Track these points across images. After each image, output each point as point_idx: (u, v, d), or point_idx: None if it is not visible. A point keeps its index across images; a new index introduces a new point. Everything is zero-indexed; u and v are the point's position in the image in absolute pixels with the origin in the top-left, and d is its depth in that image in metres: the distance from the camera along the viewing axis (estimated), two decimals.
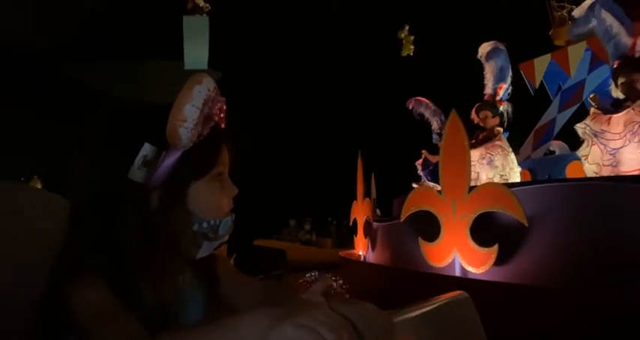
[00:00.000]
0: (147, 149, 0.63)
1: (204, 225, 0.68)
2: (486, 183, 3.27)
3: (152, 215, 0.64)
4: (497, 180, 4.09)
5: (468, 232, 3.07)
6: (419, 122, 5.88)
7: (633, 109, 3.12)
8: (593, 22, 3.40)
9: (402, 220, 3.74)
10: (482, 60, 4.43)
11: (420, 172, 5.65)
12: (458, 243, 3.14)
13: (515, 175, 4.13)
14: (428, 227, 3.41)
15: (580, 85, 5.87)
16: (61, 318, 0.58)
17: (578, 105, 5.89)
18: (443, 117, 5.58)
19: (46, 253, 0.63)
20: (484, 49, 4.43)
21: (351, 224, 5.54)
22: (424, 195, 3.52)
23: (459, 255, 3.13)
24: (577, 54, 5.42)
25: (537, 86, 5.92)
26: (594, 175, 3.35)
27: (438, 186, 3.85)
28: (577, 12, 3.45)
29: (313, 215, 8.11)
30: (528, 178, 4.62)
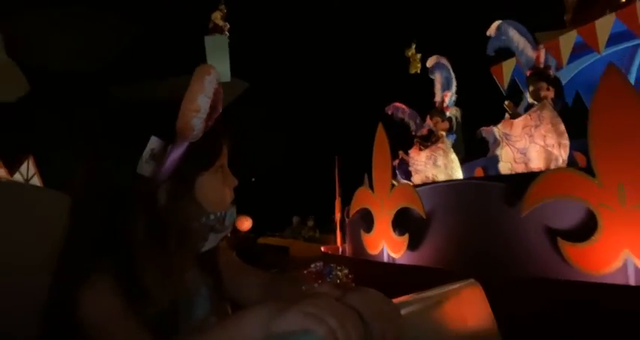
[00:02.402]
0: (154, 142, 0.62)
1: (212, 216, 0.69)
2: (401, 184, 3.87)
3: (161, 209, 0.63)
4: (442, 177, 4.66)
5: (390, 224, 3.70)
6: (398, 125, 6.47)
7: (529, 115, 3.63)
8: (504, 39, 3.92)
9: (351, 216, 4.40)
10: (429, 72, 4.99)
11: (397, 171, 6.26)
12: (385, 233, 3.78)
13: (457, 173, 4.66)
14: (368, 221, 4.07)
15: None
16: (67, 323, 0.56)
17: None
18: (419, 120, 6.14)
19: (48, 252, 0.61)
20: (429, 62, 5.00)
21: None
22: (365, 195, 4.17)
23: (385, 244, 3.77)
24: None
25: (506, 87, 6.33)
26: (509, 172, 3.86)
27: (409, 182, 4.48)
28: (490, 30, 3.96)
29: (316, 212, 8.76)
30: (481, 174, 5.12)
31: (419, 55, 7.84)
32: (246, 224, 12.32)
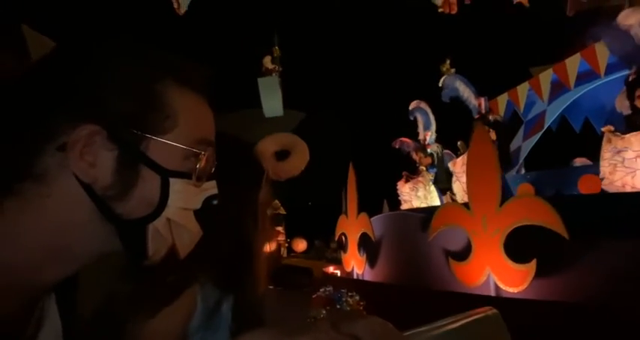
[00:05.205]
0: None
1: None
2: (361, 214, 4.66)
3: None
4: (423, 206, 5.39)
5: (356, 246, 4.56)
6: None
7: (465, 155, 4.31)
8: (452, 89, 4.68)
9: (336, 239, 5.30)
10: (409, 114, 5.81)
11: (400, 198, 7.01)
12: (354, 254, 4.63)
13: (435, 201, 5.36)
14: (346, 243, 4.94)
15: (541, 115, 6.69)
16: None
17: (542, 132, 6.69)
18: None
19: None
20: (411, 106, 5.81)
21: None
22: (343, 221, 5.07)
23: (354, 263, 4.62)
24: (523, 93, 6.37)
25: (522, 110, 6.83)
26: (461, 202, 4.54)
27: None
28: (441, 82, 4.75)
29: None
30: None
31: (453, 70, 8.58)
32: (301, 245, 13.37)
